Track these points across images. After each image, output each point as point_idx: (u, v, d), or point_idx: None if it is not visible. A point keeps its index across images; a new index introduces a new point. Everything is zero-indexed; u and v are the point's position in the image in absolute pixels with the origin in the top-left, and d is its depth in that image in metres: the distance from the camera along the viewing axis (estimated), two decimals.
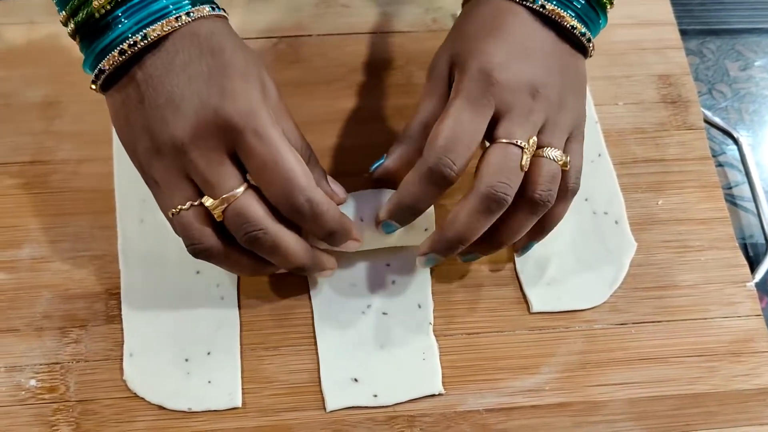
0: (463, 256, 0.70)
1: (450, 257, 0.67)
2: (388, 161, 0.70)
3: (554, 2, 0.66)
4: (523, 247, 0.72)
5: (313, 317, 0.70)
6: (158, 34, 0.61)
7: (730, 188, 0.82)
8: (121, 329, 0.70)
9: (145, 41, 0.61)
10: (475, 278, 0.73)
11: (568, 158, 0.67)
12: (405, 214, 0.66)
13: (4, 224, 0.74)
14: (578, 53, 0.69)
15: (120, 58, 0.61)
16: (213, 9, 0.63)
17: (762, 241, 0.79)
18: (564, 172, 0.67)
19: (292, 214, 0.62)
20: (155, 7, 0.61)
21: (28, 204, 0.75)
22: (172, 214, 0.63)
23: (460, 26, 0.69)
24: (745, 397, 0.69)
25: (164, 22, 0.61)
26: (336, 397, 0.68)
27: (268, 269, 0.66)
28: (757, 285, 0.75)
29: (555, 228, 0.70)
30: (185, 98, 0.61)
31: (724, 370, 0.70)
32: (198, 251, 0.63)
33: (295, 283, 0.72)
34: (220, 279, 0.72)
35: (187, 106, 0.61)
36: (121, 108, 0.63)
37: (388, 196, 0.68)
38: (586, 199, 0.77)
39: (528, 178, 0.65)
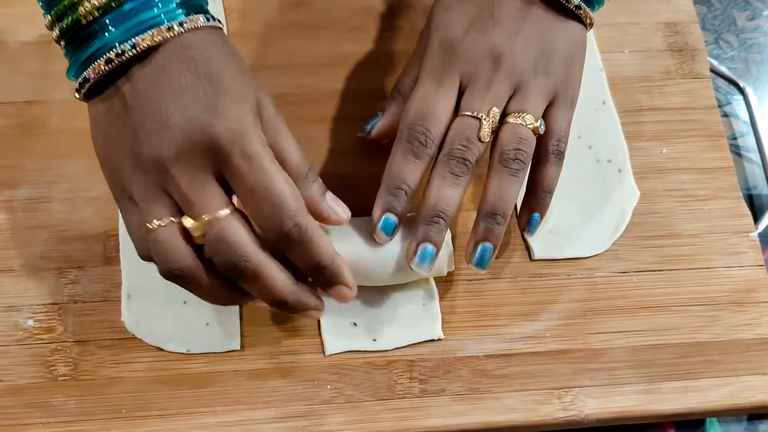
0: (475, 257, 0.66)
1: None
2: (383, 119, 0.71)
3: None
4: (528, 222, 0.70)
5: None
6: (148, 44, 0.58)
7: (735, 139, 0.81)
8: (119, 271, 0.69)
9: (134, 51, 0.58)
10: None
11: (541, 123, 0.66)
12: (398, 197, 0.64)
13: (1, 164, 0.73)
14: (572, 20, 0.68)
15: (106, 68, 0.58)
16: (207, 20, 0.60)
17: (766, 192, 0.78)
18: (543, 137, 0.67)
19: (280, 241, 0.59)
20: (146, 15, 0.58)
21: (25, 144, 0.74)
22: (147, 231, 0.59)
23: None
24: (747, 347, 0.69)
25: (155, 31, 0.58)
26: (335, 341, 0.68)
27: (244, 299, 0.63)
28: (760, 235, 0.74)
29: (552, 197, 0.69)
30: (173, 115, 0.58)
31: (726, 320, 0.70)
32: (171, 271, 0.59)
33: None
34: None
35: (174, 123, 0.58)
36: (104, 118, 0.60)
37: None
38: (590, 147, 0.76)
39: (496, 143, 0.66)
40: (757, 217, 0.75)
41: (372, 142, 0.72)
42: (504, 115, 0.66)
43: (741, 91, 0.83)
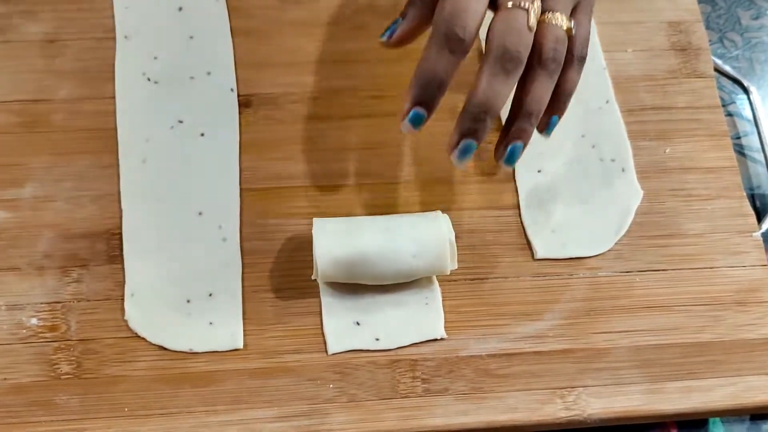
0: (506, 152, 0.66)
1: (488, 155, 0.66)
2: (405, 23, 0.68)
3: None
4: (547, 125, 0.68)
5: (315, 260, 0.69)
6: None
7: (739, 138, 0.81)
8: (123, 269, 0.69)
9: None
10: (480, 224, 0.73)
11: (573, 24, 0.66)
12: (429, 89, 0.63)
13: (6, 162, 0.73)
14: None
15: None
16: None
17: None
18: (570, 40, 0.66)
19: None
20: None
21: (29, 142, 0.74)
22: None
23: None
24: (751, 347, 0.69)
25: None
26: (338, 340, 0.68)
27: None
28: (764, 235, 0.74)
29: (569, 105, 0.68)
30: None
31: (729, 320, 0.70)
32: None
33: (297, 225, 0.72)
34: (223, 220, 0.71)
35: None
36: None
37: (423, 224, 0.67)
38: (593, 146, 0.76)
39: (535, 43, 0.64)
40: (760, 217, 0.75)
41: (392, 48, 0.69)
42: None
43: (745, 90, 0.83)
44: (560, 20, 0.65)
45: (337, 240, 0.66)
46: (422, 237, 0.66)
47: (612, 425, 0.67)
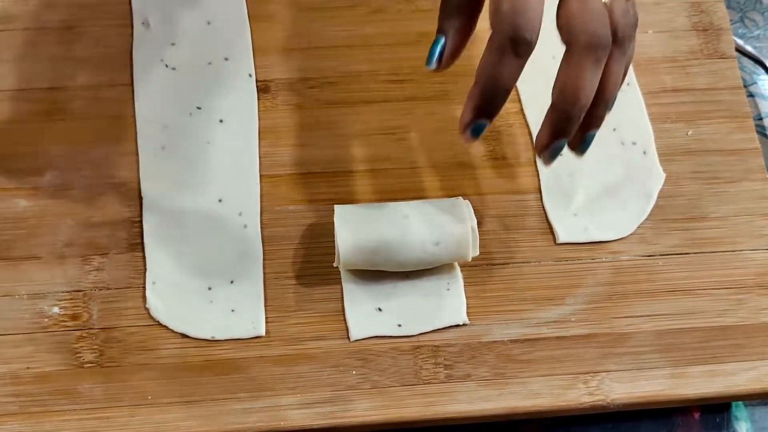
0: (583, 140, 0.63)
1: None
2: (450, 40, 0.61)
3: None
4: (583, 143, 0.64)
5: (337, 247, 0.69)
6: None
7: (761, 119, 0.81)
8: (144, 257, 0.69)
9: None
10: (501, 208, 0.72)
11: None
12: (495, 99, 0.59)
13: (25, 151, 0.73)
14: None
15: None
16: None
17: None
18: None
19: None
20: None
21: (48, 131, 0.74)
22: None
23: None
24: None
25: None
26: (360, 326, 0.68)
27: None
28: None
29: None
30: None
31: (752, 303, 0.70)
32: None
33: (317, 211, 0.72)
34: (243, 207, 0.71)
35: None
36: None
37: (444, 211, 0.67)
38: (614, 129, 0.76)
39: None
40: None
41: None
42: None
43: (766, 70, 0.82)
44: None
45: (359, 228, 0.66)
46: (444, 224, 0.66)
47: (635, 410, 0.67)
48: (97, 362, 0.66)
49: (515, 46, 0.57)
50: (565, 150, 0.71)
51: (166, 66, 0.76)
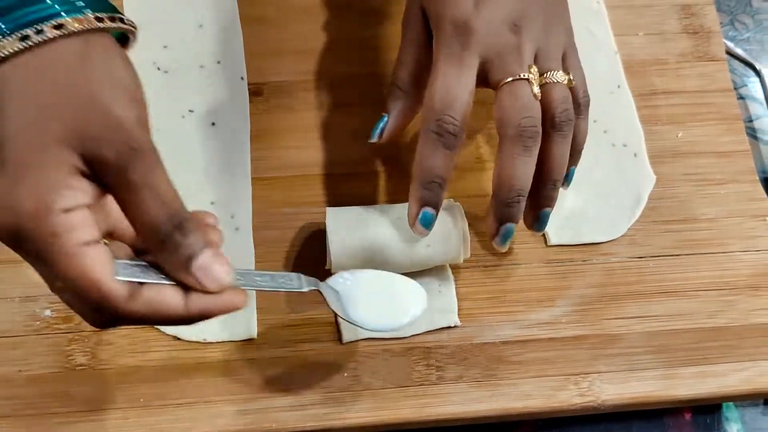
0: (537, 219, 0.67)
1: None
2: (391, 120, 0.68)
3: None
4: (566, 178, 0.69)
5: (329, 249, 0.69)
6: None
7: (751, 121, 0.81)
8: None
9: None
10: None
11: (571, 75, 0.66)
12: (433, 189, 0.64)
13: None
14: None
15: None
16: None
17: None
18: (572, 90, 0.66)
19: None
20: None
21: None
22: None
23: None
24: (764, 331, 0.69)
25: None
26: (352, 329, 0.67)
27: None
28: None
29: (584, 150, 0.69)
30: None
31: (743, 304, 0.70)
32: None
33: (310, 214, 0.72)
34: (235, 210, 0.71)
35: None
36: None
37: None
38: (605, 132, 0.76)
39: (544, 108, 0.64)
40: None
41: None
42: None
43: (757, 72, 0.83)
44: (560, 76, 0.65)
45: (351, 230, 0.66)
46: (435, 227, 0.66)
47: (626, 411, 0.67)
48: (89, 365, 0.66)
49: (443, 140, 0.63)
50: None
51: (159, 69, 0.76)
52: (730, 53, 0.82)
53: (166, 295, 0.51)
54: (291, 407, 0.65)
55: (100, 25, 0.51)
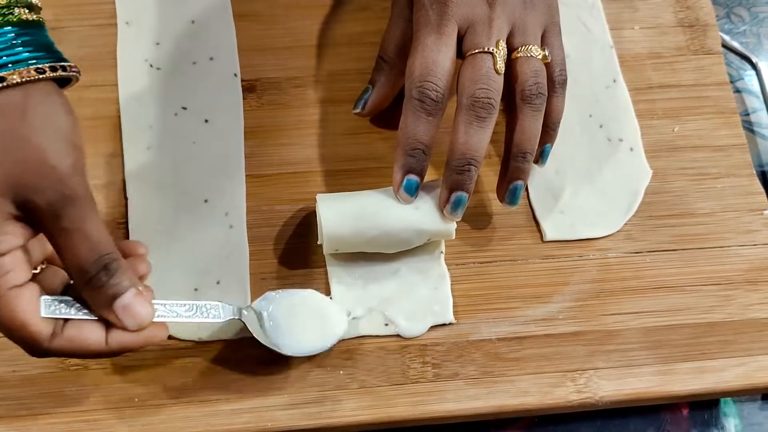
0: (509, 191, 0.68)
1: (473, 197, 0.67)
2: (375, 91, 0.71)
3: None
4: (542, 155, 0.70)
5: (319, 220, 0.68)
6: None
7: (748, 115, 0.81)
8: None
9: None
10: (488, 207, 0.72)
11: (547, 52, 0.67)
12: (416, 156, 0.65)
13: None
14: None
15: None
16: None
17: None
18: (547, 66, 0.67)
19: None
20: None
21: None
22: None
23: None
24: (762, 326, 0.69)
25: None
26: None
27: None
28: None
29: (560, 128, 0.70)
30: None
31: (740, 299, 0.70)
32: None
33: (303, 211, 0.71)
34: (229, 207, 0.71)
35: None
36: None
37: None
38: (601, 126, 0.75)
39: (514, 80, 0.66)
40: None
41: (367, 117, 0.73)
42: (510, 52, 0.66)
43: (753, 66, 0.82)
44: (534, 51, 0.66)
45: (341, 200, 0.67)
46: (425, 195, 0.67)
47: (624, 407, 0.67)
48: (83, 365, 0.65)
49: (425, 107, 0.64)
50: (555, 148, 0.71)
51: (151, 66, 0.76)
52: (726, 46, 0.82)
53: (87, 332, 0.56)
54: (286, 405, 0.65)
55: (41, 76, 0.55)
